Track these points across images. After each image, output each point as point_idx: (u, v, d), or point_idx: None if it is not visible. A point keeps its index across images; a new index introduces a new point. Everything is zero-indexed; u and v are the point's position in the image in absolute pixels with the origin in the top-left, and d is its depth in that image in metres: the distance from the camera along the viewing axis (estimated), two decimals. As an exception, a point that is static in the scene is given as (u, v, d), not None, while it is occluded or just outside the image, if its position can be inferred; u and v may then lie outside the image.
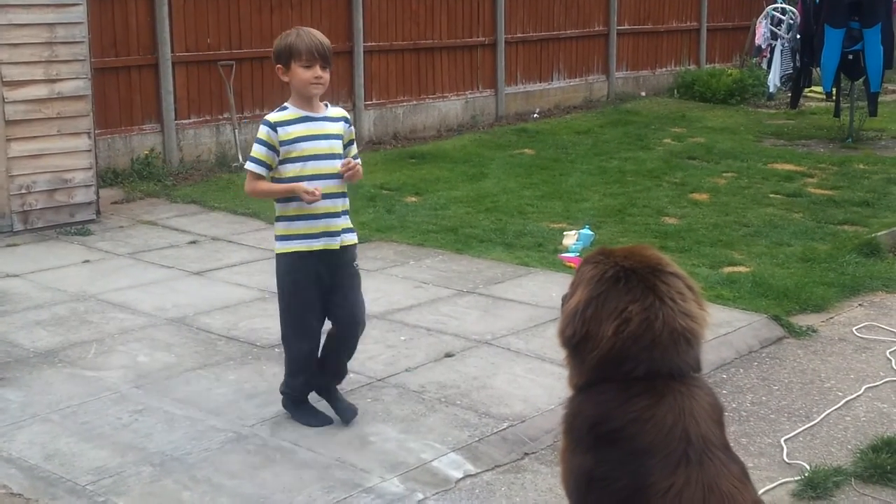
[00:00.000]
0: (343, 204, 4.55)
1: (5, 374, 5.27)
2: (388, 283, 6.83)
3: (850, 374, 5.46)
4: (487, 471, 4.35)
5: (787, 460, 4.47)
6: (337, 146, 4.48)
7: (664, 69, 16.29)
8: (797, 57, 13.37)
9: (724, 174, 10.36)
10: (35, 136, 8.10)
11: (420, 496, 4.09)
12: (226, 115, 10.82)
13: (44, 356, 5.53)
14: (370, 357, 5.51)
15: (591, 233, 7.76)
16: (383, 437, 4.58)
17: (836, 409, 5.00)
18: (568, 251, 7.51)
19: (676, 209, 8.88)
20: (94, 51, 8.82)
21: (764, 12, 15.06)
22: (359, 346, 5.62)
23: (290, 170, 4.42)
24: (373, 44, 12.14)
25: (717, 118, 13.88)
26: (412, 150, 11.56)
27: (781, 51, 14.37)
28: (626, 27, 15.51)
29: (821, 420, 4.88)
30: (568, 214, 8.63)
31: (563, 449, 2.93)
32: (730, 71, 15.83)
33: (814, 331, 6.08)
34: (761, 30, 15.06)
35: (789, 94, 14.02)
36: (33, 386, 5.12)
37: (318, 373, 4.72)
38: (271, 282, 6.84)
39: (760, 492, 4.11)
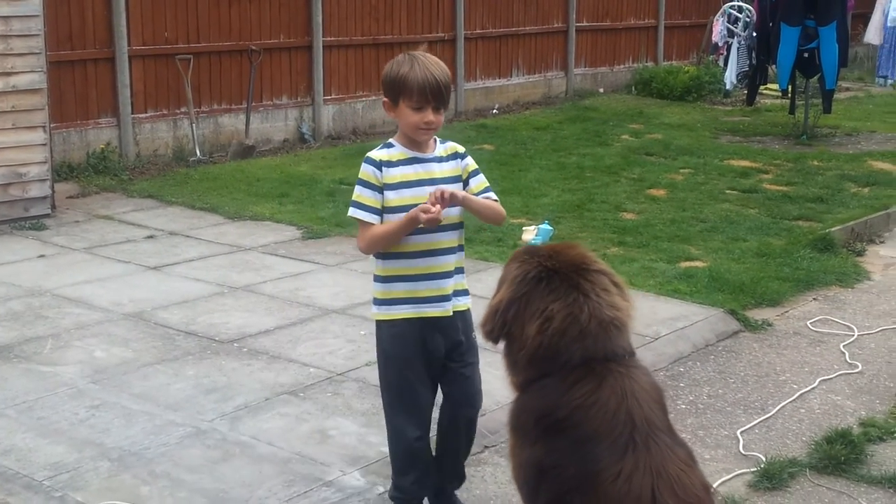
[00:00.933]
0: (456, 260, 3.74)
1: (-41, 369, 5.20)
2: (347, 278, 6.82)
3: (805, 367, 5.54)
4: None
5: (743, 452, 4.53)
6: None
7: (622, 66, 16.39)
8: (753, 54, 13.49)
9: (682, 170, 10.45)
10: (-11, 130, 7.99)
11: (381, 489, 4.09)
12: (183, 110, 10.73)
13: (-1, 351, 5.47)
14: (330, 352, 5.50)
15: (551, 228, 7.73)
16: (343, 431, 4.58)
17: (791, 402, 5.07)
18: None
19: (634, 205, 8.94)
20: (49, 44, 8.71)
21: (721, 10, 15.18)
22: (318, 341, 5.65)
23: (392, 221, 3.64)
24: (332, 39, 12.10)
25: (674, 115, 13.99)
26: (371, 145, 11.33)
27: (738, 48, 14.49)
28: (585, 24, 15.58)
29: (776, 412, 4.95)
30: (527, 210, 8.66)
31: (512, 446, 2.97)
32: (687, 68, 15.95)
33: (769, 324, 6.16)
34: (718, 27, 15.19)
35: (745, 92, 14.13)
36: (-12, 381, 5.06)
37: (430, 470, 3.88)
38: (229, 276, 6.85)
39: (717, 483, 4.18)
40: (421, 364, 3.71)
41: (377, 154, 3.70)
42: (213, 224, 8.25)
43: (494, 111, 13.99)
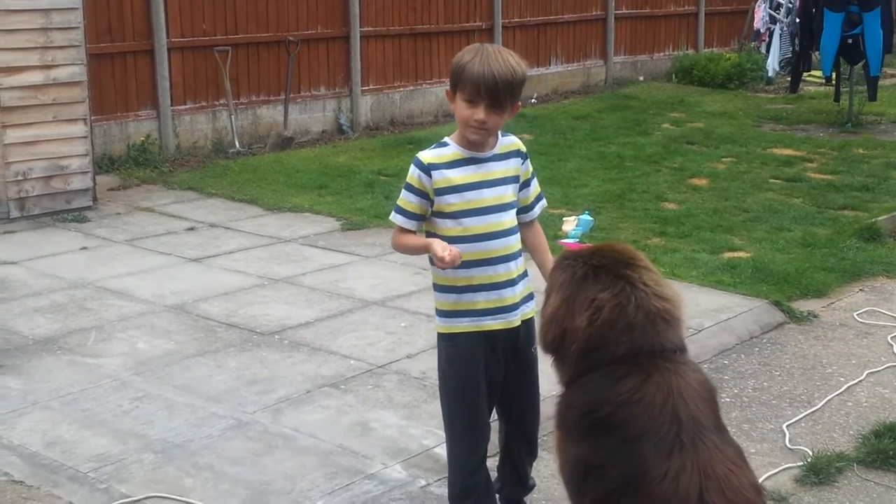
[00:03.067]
0: (518, 266, 3.47)
1: (5, 361, 5.25)
2: (387, 270, 6.81)
3: (852, 360, 5.45)
4: (490, 457, 4.31)
5: (789, 446, 4.46)
6: (507, 194, 3.43)
7: (662, 54, 16.24)
8: (796, 41, 13.33)
9: (724, 159, 10.33)
10: (31, 123, 8.05)
11: (422, 482, 4.08)
12: (222, 101, 10.77)
13: (43, 343, 5.50)
14: (370, 344, 5.49)
15: (591, 218, 7.73)
16: (385, 424, 4.56)
17: (837, 395, 4.99)
18: (568, 237, 7.48)
19: (676, 194, 8.86)
20: (89, 36, 8.77)
21: (762, -4, 15.02)
22: (359, 333, 5.65)
23: (448, 227, 3.39)
24: (369, 29, 12.08)
25: (715, 103, 13.84)
26: (409, 136, 11.53)
27: (780, 35, 14.33)
28: (624, 11, 15.45)
29: (823, 405, 4.87)
30: (567, 200, 8.60)
31: (558, 440, 2.94)
32: (728, 55, 15.78)
33: (815, 316, 6.07)
34: (760, 14, 15.03)
35: (788, 79, 13.98)
36: (33, 373, 5.10)
37: (490, 491, 3.67)
38: (269, 268, 6.86)
39: (763, 477, 4.12)
40: (481, 385, 3.47)
41: (426, 156, 3.41)
42: (253, 216, 8.27)
43: (533, 100, 13.91)
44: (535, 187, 3.57)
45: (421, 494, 4.01)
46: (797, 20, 13.26)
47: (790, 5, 14.24)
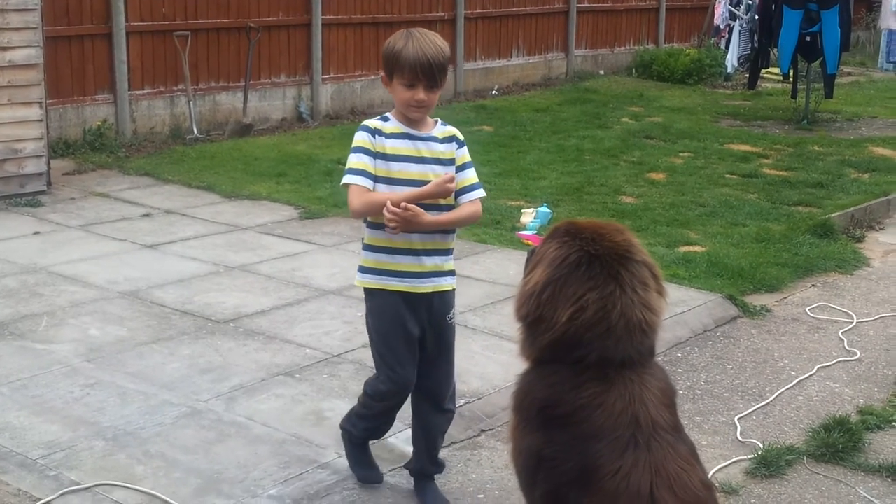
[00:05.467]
0: (441, 241, 3.72)
1: (-47, 346, 5.17)
2: (344, 259, 6.78)
3: (803, 354, 5.51)
4: (444, 447, 4.32)
5: (740, 439, 4.51)
6: (434, 173, 3.64)
7: (623, 48, 16.32)
8: (755, 38, 13.44)
9: (681, 154, 10.41)
10: (-15, 105, 7.93)
11: (376, 472, 4.07)
12: (180, 87, 10.66)
13: (-7, 329, 5.43)
14: (326, 332, 5.47)
15: (549, 210, 7.76)
16: (339, 413, 4.52)
17: (788, 389, 5.05)
18: (525, 229, 7.51)
19: (633, 188, 8.90)
20: (46, 19, 8.63)
21: (722, -7, 15.13)
22: (315, 322, 5.62)
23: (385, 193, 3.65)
24: (331, 17, 12.02)
25: (674, 98, 13.93)
26: (370, 125, 11.48)
27: (740, 31, 14.46)
28: (586, 5, 15.50)
29: (774, 399, 4.93)
30: (526, 192, 8.62)
31: (513, 426, 2.93)
32: (688, 51, 15.88)
33: (767, 310, 6.14)
34: (720, 10, 15.15)
35: (747, 75, 14.10)
36: (-18, 359, 5.03)
37: (382, 428, 4.03)
38: (226, 256, 6.81)
39: (714, 470, 4.16)
40: (401, 339, 3.72)
41: (372, 122, 3.72)
42: (210, 203, 8.21)
43: (494, 92, 13.92)
44: (472, 174, 3.76)
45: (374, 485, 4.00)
46: (756, 17, 13.36)
47: (750, 2, 14.37)
